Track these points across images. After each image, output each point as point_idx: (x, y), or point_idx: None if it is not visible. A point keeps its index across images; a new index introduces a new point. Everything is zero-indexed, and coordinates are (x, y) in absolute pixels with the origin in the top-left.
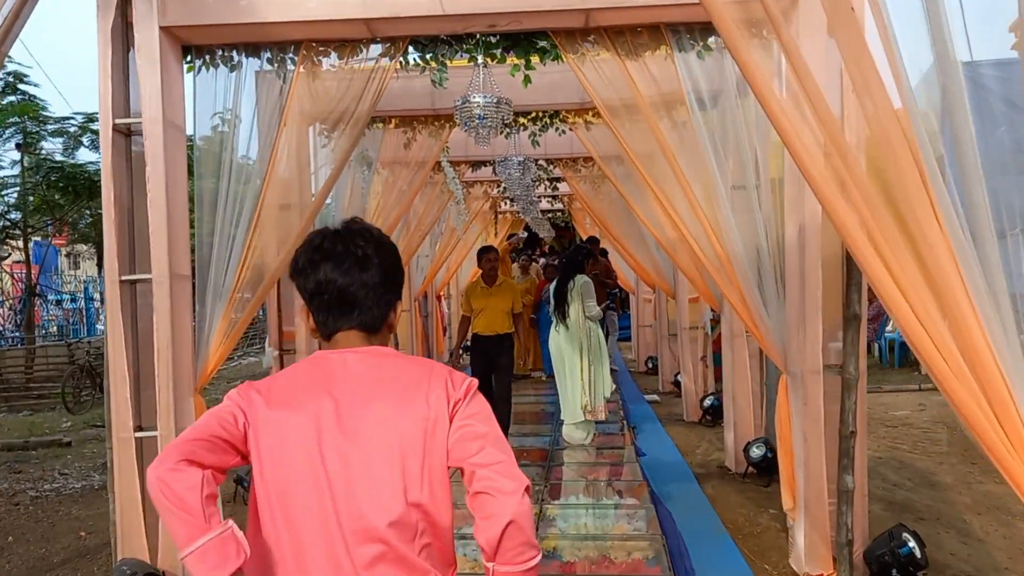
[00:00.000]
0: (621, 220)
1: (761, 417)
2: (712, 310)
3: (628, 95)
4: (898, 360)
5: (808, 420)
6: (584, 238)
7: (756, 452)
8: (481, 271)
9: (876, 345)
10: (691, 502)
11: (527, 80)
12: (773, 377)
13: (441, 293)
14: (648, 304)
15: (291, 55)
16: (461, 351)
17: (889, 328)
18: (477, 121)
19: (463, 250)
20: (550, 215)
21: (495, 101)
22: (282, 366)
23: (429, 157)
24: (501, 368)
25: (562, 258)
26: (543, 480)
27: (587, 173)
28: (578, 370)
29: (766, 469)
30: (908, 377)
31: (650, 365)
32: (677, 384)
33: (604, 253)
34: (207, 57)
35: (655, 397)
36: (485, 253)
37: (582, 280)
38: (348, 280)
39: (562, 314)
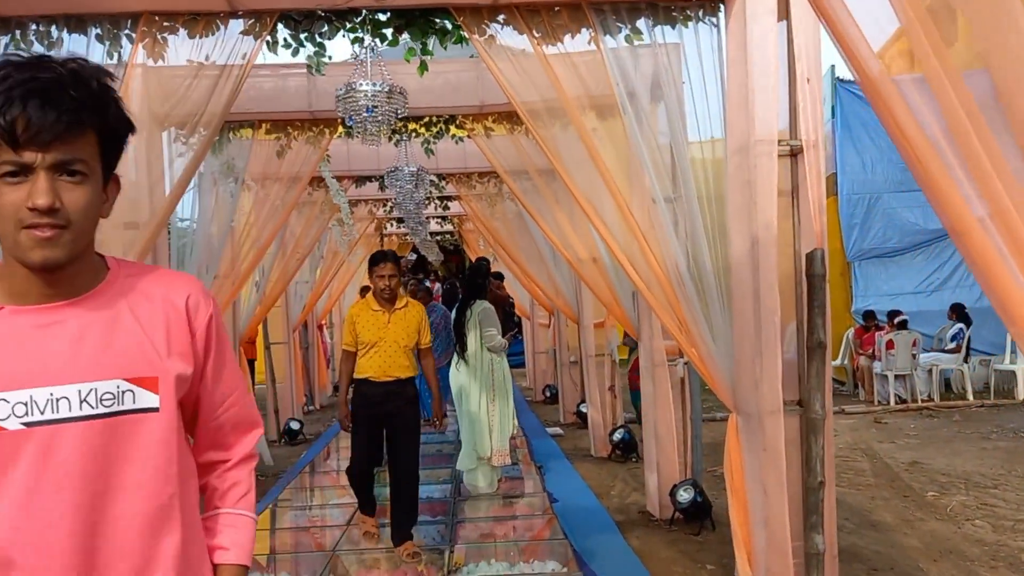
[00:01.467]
0: (519, 240)
1: (686, 456)
2: (629, 336)
3: (550, 93)
4: None
5: (768, 469)
6: (472, 260)
7: (684, 496)
8: (373, 288)
9: None
10: (618, 561)
11: (423, 68)
12: (698, 411)
13: (323, 322)
14: (544, 329)
15: (127, 31)
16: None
17: None
18: (365, 115)
19: (347, 275)
20: (439, 237)
21: (386, 90)
22: None
23: (306, 169)
24: (401, 434)
25: (451, 282)
26: (447, 541)
27: (482, 190)
28: (483, 410)
29: (695, 515)
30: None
31: (548, 394)
32: (580, 415)
33: (499, 276)
34: (17, 33)
35: (559, 430)
36: (380, 261)
37: (481, 307)
38: None
39: (462, 347)
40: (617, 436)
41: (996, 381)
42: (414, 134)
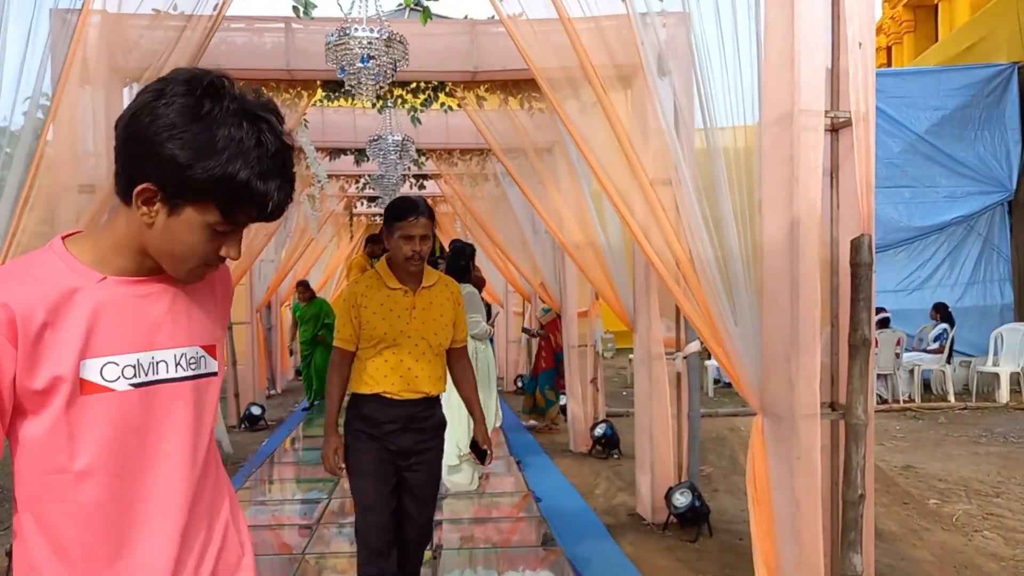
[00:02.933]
0: (500, 224)
1: (680, 457)
2: (601, 331)
3: (571, 60)
4: None
5: (801, 479)
6: (447, 244)
7: (681, 500)
8: (390, 255)
9: None
10: (614, 571)
11: (426, 15)
12: (696, 409)
13: (287, 302)
14: (518, 317)
15: None
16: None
17: None
18: (360, 65)
19: (313, 255)
20: None
21: (385, 36)
22: None
23: None
24: (423, 486)
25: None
26: (429, 545)
27: (465, 168)
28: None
29: (692, 520)
30: None
31: (519, 384)
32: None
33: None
34: None
35: (534, 423)
36: (410, 214)
37: (464, 291)
38: None
39: None
40: (599, 431)
41: (978, 383)
42: (400, 101)
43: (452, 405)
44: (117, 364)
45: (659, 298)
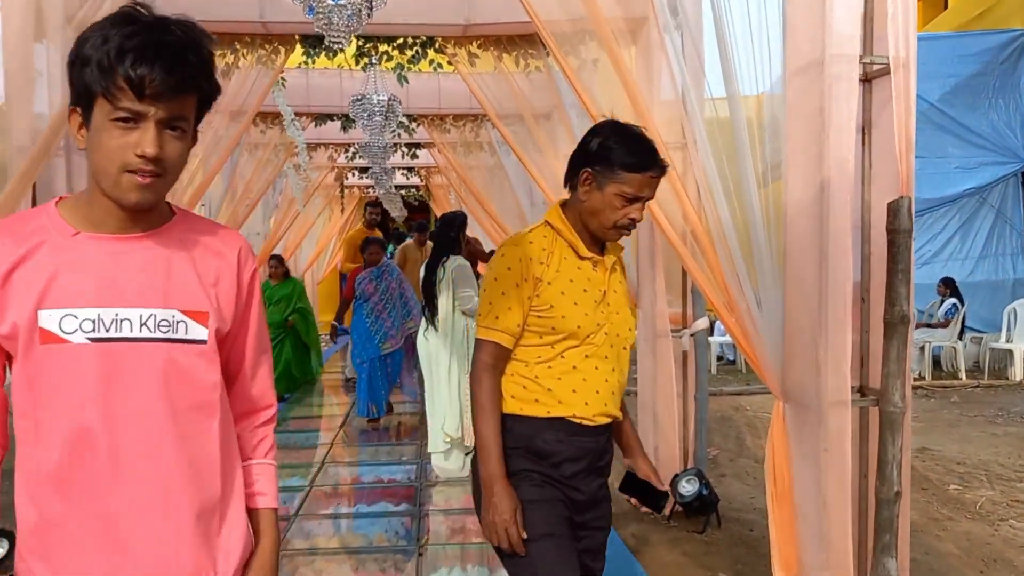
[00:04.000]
0: (496, 194)
1: (686, 441)
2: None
3: (578, 12)
4: None
5: (830, 475)
6: (439, 216)
7: (688, 488)
8: (583, 207)
9: None
10: (613, 562)
11: None
12: (704, 391)
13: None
14: None
15: None
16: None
17: None
18: (330, 3)
19: (304, 226)
20: (403, 191)
21: None
22: None
23: (255, 96)
24: (598, 548)
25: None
26: (413, 539)
27: (458, 135)
28: (454, 383)
29: (699, 509)
30: None
31: None
32: None
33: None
34: None
35: None
36: (648, 167)
37: (455, 263)
38: None
39: (431, 310)
40: None
41: (990, 360)
42: (385, 57)
43: (439, 383)
44: (76, 317)
45: (664, 271)
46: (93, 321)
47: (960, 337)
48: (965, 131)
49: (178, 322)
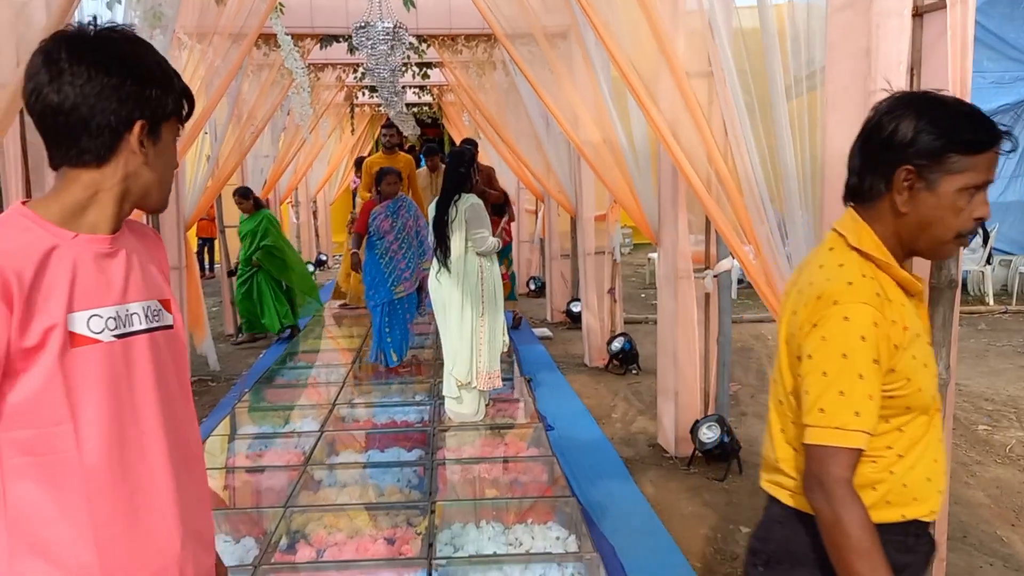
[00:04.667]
0: (509, 117)
1: (710, 385)
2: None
3: None
4: None
5: None
6: (455, 140)
7: (709, 435)
8: (907, 221)
9: None
10: (634, 521)
11: None
12: (728, 334)
13: (288, 200)
14: (531, 216)
15: None
16: None
17: None
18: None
19: (314, 148)
20: (415, 109)
21: None
22: None
23: (253, 21)
24: None
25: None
26: (425, 490)
27: (470, 56)
28: (470, 327)
29: (720, 456)
30: None
31: (532, 287)
32: (571, 315)
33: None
34: None
35: (547, 332)
36: (991, 143)
37: (468, 202)
38: None
39: (444, 251)
40: (616, 345)
41: (1020, 284)
42: None
43: (451, 327)
44: (101, 316)
45: (687, 208)
46: (115, 319)
47: (988, 260)
48: (1002, 44)
49: (159, 311)
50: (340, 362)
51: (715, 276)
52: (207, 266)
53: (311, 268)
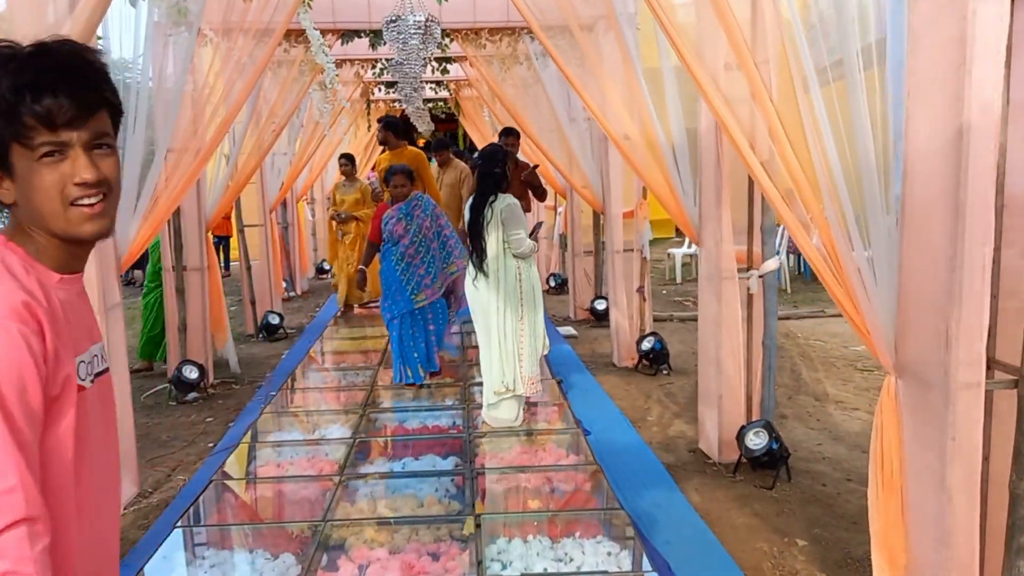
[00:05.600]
0: (533, 112)
1: (752, 389)
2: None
3: None
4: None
5: (957, 467)
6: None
7: (756, 441)
8: None
9: (800, 258)
10: (686, 534)
11: None
12: (773, 337)
13: (304, 198)
14: (550, 212)
15: None
16: None
17: None
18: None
19: (331, 146)
20: (430, 104)
21: None
22: None
23: (280, 16)
24: None
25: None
26: (465, 501)
27: (494, 50)
28: (510, 331)
29: (768, 463)
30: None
31: (552, 284)
32: (595, 312)
33: (511, 134)
34: None
35: (571, 331)
36: None
37: (504, 202)
38: None
39: (479, 255)
40: (647, 345)
41: None
42: None
43: (492, 333)
44: (85, 361)
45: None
46: (88, 363)
47: None
48: None
49: (103, 349)
50: (367, 364)
51: (760, 276)
52: (223, 264)
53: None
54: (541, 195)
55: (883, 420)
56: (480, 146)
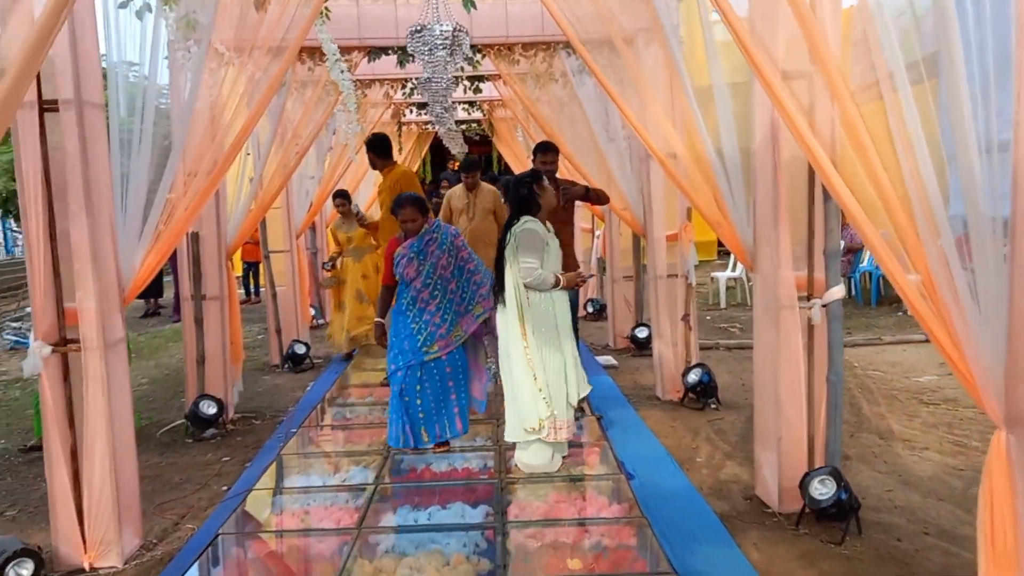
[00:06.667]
0: (569, 131)
1: (818, 431)
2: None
3: None
4: (874, 296)
5: None
6: (507, 159)
7: (822, 491)
8: None
9: (851, 280)
10: None
11: None
12: (839, 373)
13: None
14: (586, 234)
15: None
16: None
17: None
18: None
19: (361, 167)
20: (463, 126)
21: None
22: (66, 375)
23: (295, 31)
24: None
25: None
26: (497, 561)
27: (527, 67)
28: (527, 367)
29: (836, 515)
30: (896, 320)
31: (591, 310)
32: (635, 340)
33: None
34: None
35: (612, 360)
36: None
37: (523, 226)
38: None
39: (500, 284)
40: (693, 377)
41: None
42: None
43: (513, 374)
44: None
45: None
46: None
47: None
48: None
49: None
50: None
51: (823, 306)
52: (253, 290)
53: None
54: (602, 198)
55: (993, 485)
56: (516, 170)
